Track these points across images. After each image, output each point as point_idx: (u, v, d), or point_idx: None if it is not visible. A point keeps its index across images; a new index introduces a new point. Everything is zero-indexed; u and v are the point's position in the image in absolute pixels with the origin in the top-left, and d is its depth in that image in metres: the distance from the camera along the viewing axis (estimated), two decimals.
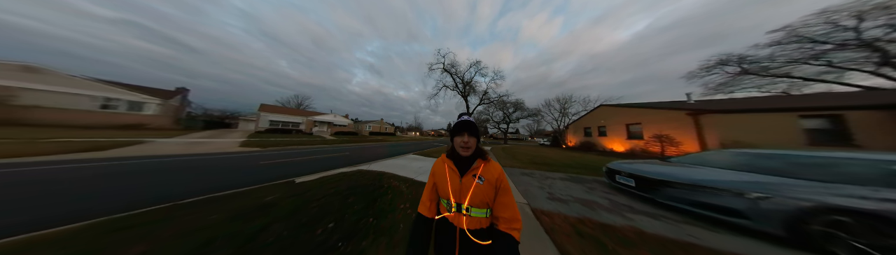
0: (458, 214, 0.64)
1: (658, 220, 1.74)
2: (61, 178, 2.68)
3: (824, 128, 4.83)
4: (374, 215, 1.70)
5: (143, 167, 3.46)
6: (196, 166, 3.72)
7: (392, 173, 3.41)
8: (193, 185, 2.65)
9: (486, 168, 0.67)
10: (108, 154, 4.48)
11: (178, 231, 1.33)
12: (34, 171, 2.95)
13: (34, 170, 3.00)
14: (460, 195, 0.64)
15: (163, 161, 4.03)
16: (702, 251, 1.25)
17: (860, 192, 1.35)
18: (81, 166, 3.30)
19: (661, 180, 2.02)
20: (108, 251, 1.13)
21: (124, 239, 1.23)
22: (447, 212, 0.67)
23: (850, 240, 1.26)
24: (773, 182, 1.60)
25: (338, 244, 1.26)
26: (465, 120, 0.66)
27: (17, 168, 3.04)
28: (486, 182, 0.64)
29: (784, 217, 1.39)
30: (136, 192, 2.31)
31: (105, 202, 1.98)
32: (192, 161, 4.19)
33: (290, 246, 1.21)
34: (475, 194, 0.63)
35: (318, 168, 3.95)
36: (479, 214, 0.63)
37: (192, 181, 2.81)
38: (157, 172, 3.21)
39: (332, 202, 1.95)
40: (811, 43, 9.35)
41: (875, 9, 8.17)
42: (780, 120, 4.97)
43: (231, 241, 1.23)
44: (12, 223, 1.56)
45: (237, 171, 3.59)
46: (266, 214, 1.65)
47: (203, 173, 3.27)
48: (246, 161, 4.53)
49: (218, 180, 2.96)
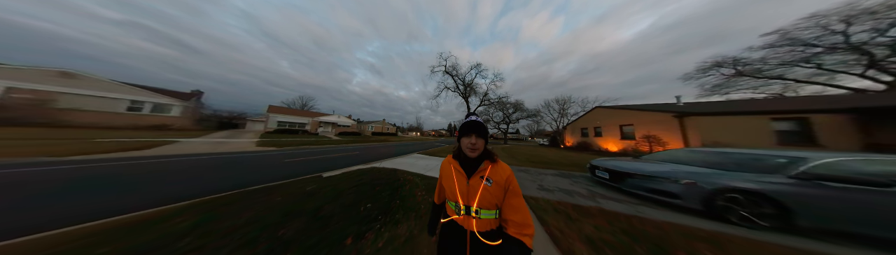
0: (467, 217, 0.62)
1: (620, 203, 2.21)
2: (153, 170, 3.24)
3: (792, 130, 5.29)
4: (400, 198, 2.19)
5: (197, 164, 4.00)
6: (235, 163, 4.26)
7: (404, 170, 3.90)
8: (243, 178, 3.16)
9: (494, 170, 0.64)
10: (155, 152, 5.05)
11: (263, 207, 1.84)
12: (124, 165, 3.51)
13: (122, 164, 3.56)
14: (468, 198, 0.62)
15: (202, 159, 4.57)
16: (640, 221, 1.73)
17: (750, 177, 1.85)
18: (150, 162, 3.86)
19: (627, 173, 2.52)
20: (230, 215, 1.64)
21: (233, 210, 1.74)
22: (455, 215, 0.65)
23: (740, 210, 1.79)
24: (700, 172, 2.10)
25: (377, 216, 1.75)
26: (473, 120, 0.64)
27: (105, 163, 3.59)
28: (495, 184, 0.62)
29: (702, 197, 1.90)
30: (209, 182, 2.83)
31: (198, 188, 2.50)
32: (228, 159, 4.73)
33: (345, 217, 1.70)
34: (484, 197, 0.61)
35: (337, 166, 4.45)
36: (489, 215, 0.61)
37: (241, 175, 3.33)
38: (209, 167, 3.75)
39: (363, 191, 2.44)
40: (802, 46, 9.64)
41: (862, 13, 8.44)
42: (754, 122, 5.40)
43: (302, 214, 1.73)
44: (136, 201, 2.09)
45: (270, 167, 4.11)
46: (314, 198, 2.15)
47: (244, 169, 3.80)
48: (272, 159, 5.06)
49: (259, 174, 3.48)
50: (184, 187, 2.57)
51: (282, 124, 18.60)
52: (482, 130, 0.64)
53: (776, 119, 5.32)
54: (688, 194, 1.96)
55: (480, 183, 0.62)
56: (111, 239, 1.27)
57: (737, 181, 1.82)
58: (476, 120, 0.64)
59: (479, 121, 0.64)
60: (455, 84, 17.40)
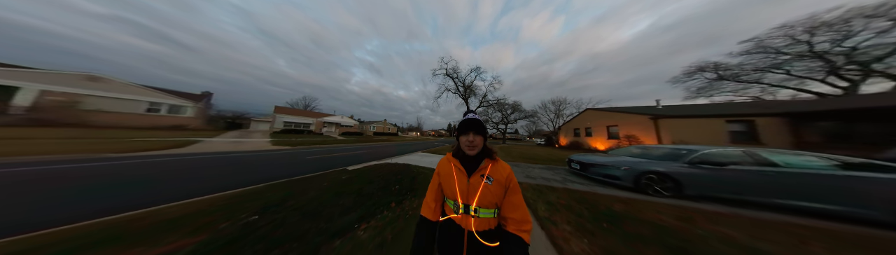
0: (465, 215, 0.61)
1: (583, 185, 2.97)
2: (212, 164, 3.89)
3: (742, 130, 6.19)
4: (419, 183, 2.89)
5: (239, 160, 4.63)
6: (269, 160, 4.92)
7: (415, 165, 4.58)
8: (285, 170, 3.83)
9: (494, 168, 0.64)
10: (190, 150, 5.64)
11: (319, 188, 2.52)
12: (184, 160, 4.14)
13: (182, 160, 4.19)
14: (468, 196, 0.62)
15: (238, 156, 5.21)
16: (591, 195, 2.45)
17: (662, 164, 2.70)
18: (200, 158, 4.50)
19: (590, 163, 3.31)
20: (301, 193, 2.32)
21: (300, 190, 2.42)
22: (453, 213, 0.64)
23: (654, 185, 2.64)
24: (634, 161, 2.90)
25: (406, 193, 2.44)
26: (470, 118, 0.64)
27: (166, 158, 4.23)
28: (495, 182, 0.61)
29: (633, 178, 2.70)
30: (263, 173, 3.48)
31: (260, 177, 3.16)
32: (259, 156, 5.38)
33: (383, 194, 2.39)
34: (484, 195, 0.60)
35: (354, 162, 5.10)
36: (488, 214, 0.61)
37: (281, 168, 4.00)
38: (252, 163, 4.40)
39: (388, 178, 3.13)
40: (774, 53, 10.50)
41: (822, 25, 9.31)
42: (712, 124, 6.27)
43: (350, 193, 2.42)
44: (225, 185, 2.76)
45: (299, 163, 4.77)
46: (353, 183, 2.83)
47: (280, 164, 4.46)
48: (294, 157, 5.70)
49: (294, 168, 4.15)
50: (250, 176, 3.23)
51: (288, 125, 19.19)
52: (480, 127, 0.64)
53: (729, 121, 6.21)
54: (625, 176, 2.82)
55: (481, 182, 0.62)
56: (246, 200, 1.95)
57: (654, 166, 2.68)
58: (474, 118, 0.65)
59: (476, 118, 0.64)
60: (455, 86, 18.13)
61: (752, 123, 6.05)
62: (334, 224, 1.53)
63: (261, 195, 2.18)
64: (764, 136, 5.95)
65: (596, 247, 1.31)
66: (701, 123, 6.39)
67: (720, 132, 6.23)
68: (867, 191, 1.96)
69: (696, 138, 6.27)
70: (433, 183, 0.73)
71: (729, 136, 6.20)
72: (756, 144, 5.87)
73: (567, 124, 15.07)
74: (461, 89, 18.20)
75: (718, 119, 6.25)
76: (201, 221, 1.52)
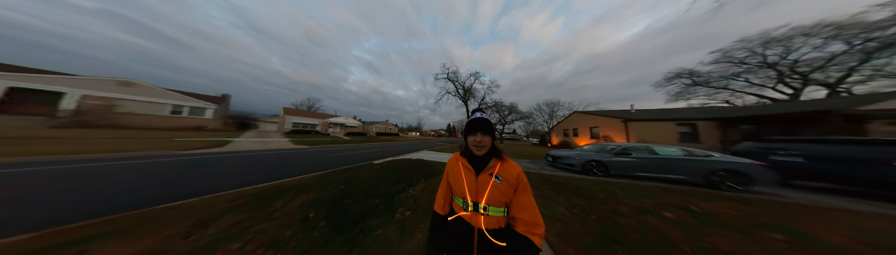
0: (474, 213, 0.61)
1: (551, 171, 4.07)
2: (264, 160, 4.85)
3: (687, 131, 7.50)
4: (436, 170, 3.93)
5: (281, 156, 5.57)
6: (304, 156, 5.90)
7: (426, 159, 5.61)
8: (325, 164, 4.81)
9: (503, 167, 0.63)
10: (230, 149, 6.48)
11: (365, 174, 3.55)
12: (237, 157, 5.07)
13: (236, 156, 5.11)
14: (477, 194, 0.61)
15: (276, 153, 6.17)
16: (553, 176, 3.53)
17: (601, 155, 3.88)
18: (247, 155, 5.44)
19: (559, 156, 4.45)
20: (354, 177, 3.34)
21: (352, 175, 3.46)
22: (463, 211, 0.63)
23: (594, 169, 3.90)
24: (585, 154, 4.04)
25: (428, 176, 3.48)
26: (478, 118, 0.63)
27: (221, 155, 5.17)
28: (505, 181, 0.60)
29: (581, 165, 3.84)
30: (312, 165, 4.46)
31: (313, 167, 4.16)
32: (294, 153, 6.33)
33: (413, 176, 3.41)
34: (492, 194, 0.60)
35: (374, 158, 6.08)
36: (497, 213, 0.60)
37: (321, 162, 4.99)
38: (294, 158, 5.38)
39: (411, 168, 4.16)
40: (737, 63, 11.87)
41: (773, 40, 10.72)
42: (667, 126, 7.52)
43: (388, 176, 3.46)
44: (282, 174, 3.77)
45: (329, 159, 5.72)
46: (386, 171, 3.83)
47: (317, 159, 5.44)
48: (322, 154, 6.65)
49: (330, 162, 5.14)
50: (306, 167, 4.23)
51: (296, 125, 20.00)
52: (488, 127, 0.63)
53: (679, 124, 7.52)
54: (577, 164, 4.05)
55: (490, 180, 0.61)
56: (324, 180, 2.97)
57: (594, 157, 3.85)
58: (482, 117, 0.63)
59: (484, 118, 0.63)
60: (455, 89, 19.23)
61: (694, 126, 7.42)
62: (392, 189, 2.57)
63: (329, 178, 3.20)
64: (703, 136, 7.37)
65: (538, 192, 2.40)
66: (659, 125, 7.67)
67: (672, 133, 7.53)
68: (690, 167, 3.36)
69: (655, 137, 7.49)
70: (443, 182, 0.74)
71: (678, 136, 7.54)
72: (696, 142, 7.11)
73: (558, 125, 16.28)
74: (461, 92, 19.30)
75: (671, 122, 7.55)
76: (313, 188, 2.55)
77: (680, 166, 3.40)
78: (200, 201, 1.96)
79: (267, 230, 1.39)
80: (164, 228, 1.39)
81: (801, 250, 1.41)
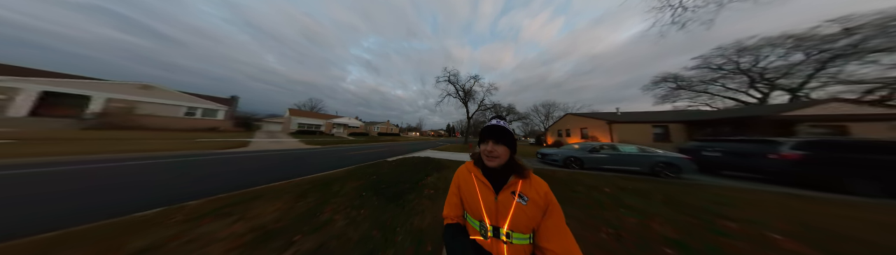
0: (495, 240, 0.49)
1: (542, 166, 4.84)
2: (289, 159, 5.55)
3: (660, 132, 8.46)
4: (445, 166, 4.68)
5: (306, 154, 6.26)
6: (325, 154, 6.59)
7: (433, 157, 6.36)
8: (346, 161, 5.52)
9: (526, 184, 0.52)
10: (253, 148, 7.11)
11: (387, 168, 4.30)
12: (268, 155, 5.76)
13: (267, 155, 5.81)
14: (497, 217, 0.50)
15: (291, 152, 6.83)
16: (540, 170, 4.32)
17: (578, 152, 4.76)
18: (271, 154, 6.14)
19: (546, 154, 5.24)
20: (380, 170, 4.09)
21: (377, 169, 4.20)
22: (479, 236, 0.52)
23: (572, 164, 4.82)
24: (566, 151, 4.87)
25: (439, 169, 4.23)
26: (493, 125, 0.54)
27: (252, 154, 5.85)
28: (531, 202, 0.49)
29: (563, 160, 4.68)
30: (339, 161, 5.18)
31: (340, 163, 4.88)
32: (315, 152, 7.00)
33: (426, 170, 4.15)
34: (517, 217, 0.48)
35: (386, 156, 6.75)
36: (523, 240, 0.48)
37: (344, 160, 5.69)
38: (319, 156, 6.07)
39: (422, 164, 4.90)
40: (716, 69, 12.87)
41: (745, 49, 11.75)
42: (644, 128, 8.43)
43: (408, 169, 4.20)
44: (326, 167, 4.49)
45: (347, 157, 6.40)
46: (404, 166, 4.58)
47: (337, 157, 6.15)
48: (339, 153, 7.34)
49: (350, 159, 5.84)
50: (332, 164, 4.94)
51: (302, 126, 20.57)
52: (505, 136, 0.52)
53: (654, 126, 8.45)
54: (560, 160, 4.89)
55: (512, 200, 0.50)
56: (355, 173, 3.70)
57: (572, 154, 4.66)
58: (497, 124, 0.54)
59: (500, 125, 0.54)
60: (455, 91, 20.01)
61: (667, 128, 8.41)
62: (414, 178, 3.31)
63: (359, 172, 3.92)
64: (673, 136, 8.39)
65: None
66: (638, 127, 8.58)
67: (649, 134, 8.47)
68: (641, 161, 4.29)
69: (634, 137, 8.38)
70: (451, 196, 0.61)
71: (653, 136, 8.51)
72: (668, 141, 8.04)
73: (553, 126, 17.15)
74: (461, 94, 20.08)
75: (648, 124, 8.48)
76: (352, 178, 3.28)
77: (634, 160, 4.36)
78: (280, 185, 2.69)
79: (342, 201, 2.13)
80: (281, 196, 2.13)
81: (668, 203, 2.29)
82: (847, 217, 2.09)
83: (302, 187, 2.56)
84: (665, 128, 8.63)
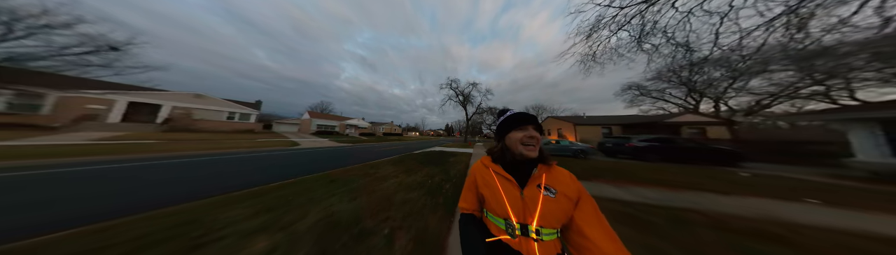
0: (524, 238, 0.45)
1: None
2: (343, 153, 7.71)
3: (606, 132, 11.15)
4: (458, 156, 6.98)
5: (351, 150, 8.38)
6: (364, 150, 8.74)
7: (446, 151, 8.62)
8: (385, 154, 7.72)
9: (552, 175, 0.49)
10: (304, 147, 9.24)
11: (420, 158, 6.56)
12: (326, 150, 7.89)
13: (324, 150, 7.95)
14: (524, 214, 0.45)
15: (337, 149, 8.93)
16: None
17: (550, 146, 7.10)
18: (325, 151, 8.26)
19: None
20: (413, 160, 6.36)
21: (414, 158, 6.46)
22: (505, 235, 0.46)
23: (580, 155, 7.06)
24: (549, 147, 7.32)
25: (456, 156, 6.52)
26: (520, 112, 0.52)
27: (310, 150, 7.98)
28: (561, 194, 0.46)
29: None
30: (380, 154, 7.34)
31: (382, 155, 7.09)
32: (354, 149, 9.06)
33: (446, 158, 6.39)
34: (547, 212, 0.44)
35: (408, 150, 8.88)
36: (552, 236, 0.45)
37: (386, 153, 7.85)
38: (360, 152, 8.24)
39: (440, 154, 7.17)
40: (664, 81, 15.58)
41: (685, 64, 14.45)
42: (596, 129, 11.09)
43: (433, 158, 6.48)
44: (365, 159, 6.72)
45: (381, 152, 8.53)
46: (430, 156, 6.83)
47: (375, 152, 8.33)
48: (373, 148, 9.41)
49: (385, 153, 8.01)
50: (377, 156, 7.16)
51: (321, 127, 22.40)
52: (537, 121, 0.50)
53: (603, 127, 11.16)
54: None
55: (539, 194, 0.46)
56: (402, 160, 5.93)
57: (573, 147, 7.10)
58: (521, 111, 0.52)
59: (527, 113, 0.52)
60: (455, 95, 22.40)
61: (610, 128, 11.08)
62: (441, 160, 5.60)
63: (403, 159, 6.17)
64: (614, 134, 10.90)
65: None
66: (593, 128, 11.26)
67: (599, 133, 11.15)
68: (568, 149, 6.90)
69: (591, 135, 10.98)
70: (465, 191, 0.58)
71: (602, 135, 11.12)
72: None
73: None
74: (460, 98, 22.45)
75: (598, 126, 11.11)
76: (404, 162, 5.54)
77: (564, 148, 6.98)
78: (377, 162, 4.95)
79: (416, 166, 4.40)
80: (384, 166, 4.40)
81: (576, 167, 4.58)
82: (639, 167, 4.53)
83: (392, 162, 4.82)
84: (610, 129, 11.58)
